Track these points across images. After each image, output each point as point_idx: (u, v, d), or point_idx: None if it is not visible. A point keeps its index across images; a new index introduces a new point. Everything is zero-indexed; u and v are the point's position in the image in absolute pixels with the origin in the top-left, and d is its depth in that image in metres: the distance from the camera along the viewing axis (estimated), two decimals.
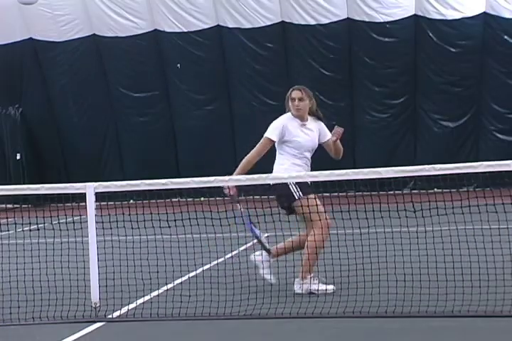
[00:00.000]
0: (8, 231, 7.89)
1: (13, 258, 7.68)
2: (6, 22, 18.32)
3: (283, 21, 17.75)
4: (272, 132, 7.00)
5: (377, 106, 18.13)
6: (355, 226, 6.78)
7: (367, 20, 17.38)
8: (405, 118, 18.11)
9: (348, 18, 17.51)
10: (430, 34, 17.42)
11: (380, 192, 7.02)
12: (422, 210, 6.56)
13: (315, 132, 7.18)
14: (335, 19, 17.52)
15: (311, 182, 6.78)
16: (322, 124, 7.29)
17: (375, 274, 6.39)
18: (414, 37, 17.52)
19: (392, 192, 6.93)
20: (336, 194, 6.98)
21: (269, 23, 17.77)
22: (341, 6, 17.43)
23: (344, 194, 7.21)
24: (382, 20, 17.34)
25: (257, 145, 7.03)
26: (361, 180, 6.34)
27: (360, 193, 7.43)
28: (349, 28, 17.61)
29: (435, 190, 9.64)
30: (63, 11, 18.22)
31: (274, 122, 7.10)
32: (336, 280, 6.44)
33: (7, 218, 7.72)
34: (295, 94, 7.19)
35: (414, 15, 17.30)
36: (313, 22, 17.64)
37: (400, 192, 7.97)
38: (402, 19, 17.31)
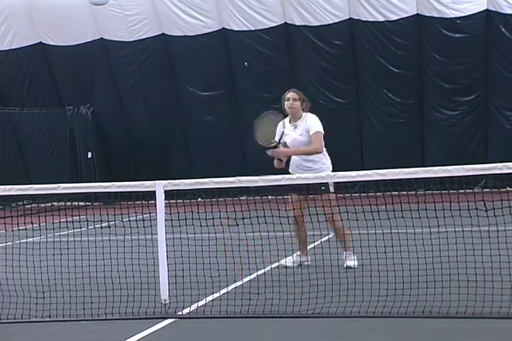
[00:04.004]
0: (80, 228, 8.04)
1: (85, 255, 7.86)
2: (78, 23, 18.71)
3: (351, 18, 17.64)
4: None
5: (446, 104, 17.86)
6: (424, 225, 6.70)
7: (437, 15, 17.13)
8: (476, 115, 17.80)
9: (417, 14, 17.30)
10: (503, 29, 17.07)
11: (451, 191, 6.90)
12: (493, 209, 6.43)
13: (300, 131, 8.08)
14: (404, 15, 17.33)
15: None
16: (310, 120, 8.16)
17: (446, 274, 6.29)
18: (485, 32, 17.19)
19: (462, 191, 6.81)
20: (405, 192, 6.90)
21: (336, 20, 17.67)
22: (410, 2, 17.23)
23: (413, 192, 7.12)
24: (452, 16, 17.07)
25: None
26: (431, 178, 6.25)
27: (430, 192, 7.32)
28: (418, 24, 17.39)
29: (507, 188, 9.44)
30: (133, 11, 18.50)
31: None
32: (405, 280, 6.36)
33: (79, 215, 7.87)
34: (290, 95, 8.26)
35: (486, 10, 16.96)
36: (381, 18, 17.47)
37: (470, 190, 7.83)
38: (474, 14, 17.00)
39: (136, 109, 19.41)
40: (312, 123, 8.17)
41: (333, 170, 6.58)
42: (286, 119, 8.29)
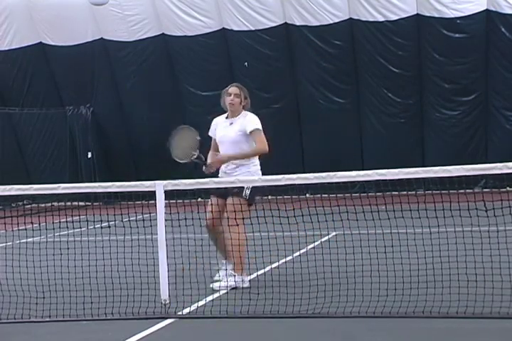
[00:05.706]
0: (80, 228, 8.04)
1: (85, 255, 7.86)
2: (78, 23, 18.71)
3: (351, 18, 17.64)
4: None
5: (446, 104, 17.87)
6: (424, 225, 6.70)
7: (437, 15, 17.13)
8: (476, 115, 17.80)
9: (417, 14, 17.31)
10: (503, 29, 17.07)
11: (450, 191, 6.90)
12: (493, 209, 6.43)
13: (236, 127, 7.60)
14: (404, 15, 17.33)
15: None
16: (249, 116, 7.73)
17: (446, 274, 6.30)
18: (485, 32, 17.20)
19: (462, 191, 6.81)
20: (405, 192, 6.90)
21: (336, 20, 17.67)
22: (410, 2, 17.23)
23: (413, 192, 7.12)
24: (452, 16, 17.08)
25: None
26: (431, 178, 6.25)
27: (430, 192, 7.32)
28: (418, 24, 17.40)
29: (507, 188, 9.45)
30: (133, 11, 18.50)
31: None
32: (405, 280, 6.36)
33: (79, 215, 7.88)
34: (232, 90, 7.79)
35: (486, 10, 16.97)
36: (381, 18, 17.47)
37: (470, 190, 7.83)
38: (474, 14, 17.00)
39: (136, 109, 19.40)
40: (250, 119, 7.65)
41: (333, 170, 6.51)
42: (223, 115, 7.88)
